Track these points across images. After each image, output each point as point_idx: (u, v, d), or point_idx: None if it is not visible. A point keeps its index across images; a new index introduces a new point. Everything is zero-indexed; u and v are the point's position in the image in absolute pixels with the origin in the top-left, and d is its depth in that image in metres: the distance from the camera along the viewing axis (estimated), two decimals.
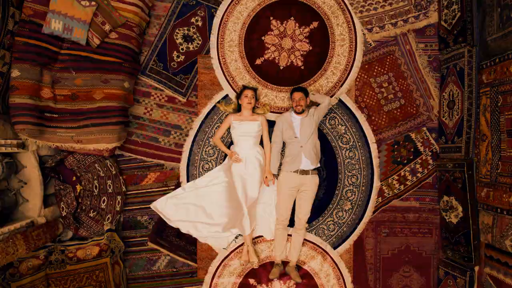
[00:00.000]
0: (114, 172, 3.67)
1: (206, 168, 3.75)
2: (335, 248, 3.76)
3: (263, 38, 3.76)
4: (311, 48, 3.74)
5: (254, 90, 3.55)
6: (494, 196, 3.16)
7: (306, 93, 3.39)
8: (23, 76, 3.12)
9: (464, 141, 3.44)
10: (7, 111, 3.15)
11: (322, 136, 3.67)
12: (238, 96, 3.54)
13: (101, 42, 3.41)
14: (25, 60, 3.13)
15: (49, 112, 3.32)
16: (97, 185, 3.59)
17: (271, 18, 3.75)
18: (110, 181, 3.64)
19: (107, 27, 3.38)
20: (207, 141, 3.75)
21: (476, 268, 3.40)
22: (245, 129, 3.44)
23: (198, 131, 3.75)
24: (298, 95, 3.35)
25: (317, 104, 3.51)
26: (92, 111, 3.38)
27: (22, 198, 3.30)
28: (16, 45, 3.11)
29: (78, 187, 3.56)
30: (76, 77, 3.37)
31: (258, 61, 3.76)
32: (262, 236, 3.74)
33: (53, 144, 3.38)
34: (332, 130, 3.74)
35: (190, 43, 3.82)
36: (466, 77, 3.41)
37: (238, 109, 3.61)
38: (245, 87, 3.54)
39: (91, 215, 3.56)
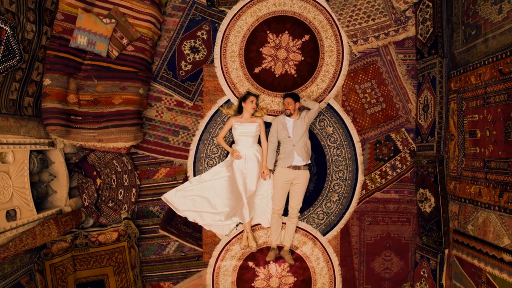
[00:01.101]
0: (129, 168, 4.16)
1: (211, 164, 4.24)
2: (324, 234, 4.25)
3: (260, 49, 4.25)
4: (303, 58, 4.24)
5: (257, 96, 4.05)
6: (460, 188, 3.65)
7: (295, 98, 3.86)
8: (53, 84, 3.61)
9: (436, 141, 3.93)
10: (40, 114, 3.64)
11: (312, 136, 4.17)
12: (243, 100, 3.99)
13: (119, 54, 3.90)
14: (55, 70, 3.62)
15: (74, 115, 3.81)
16: (115, 179, 4.09)
17: (268, 32, 4.25)
18: (126, 175, 4.13)
19: (124, 41, 3.87)
20: (211, 140, 4.25)
21: (446, 251, 3.89)
22: (245, 130, 3.93)
23: (203, 131, 4.25)
24: (287, 100, 3.84)
25: (308, 109, 4.00)
26: (111, 114, 3.87)
27: (51, 190, 3.79)
28: (48, 57, 3.60)
29: (98, 181, 4.06)
30: (98, 85, 3.86)
31: (256, 70, 4.26)
32: (259, 224, 4.23)
33: (78, 143, 3.87)
34: (322, 131, 4.23)
35: (196, 54, 4.31)
36: (437, 85, 3.90)
37: (238, 111, 4.09)
38: (249, 93, 4.02)
39: (110, 205, 4.06)
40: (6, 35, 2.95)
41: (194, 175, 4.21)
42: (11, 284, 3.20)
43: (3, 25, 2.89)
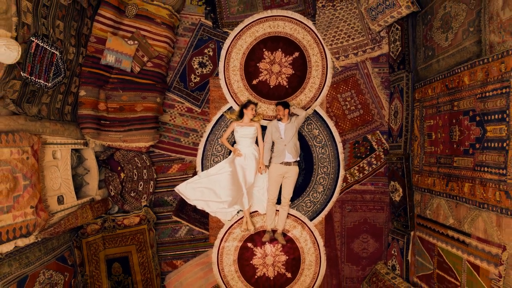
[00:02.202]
0: (148, 164, 4.95)
1: (216, 161, 5.02)
2: (311, 220, 5.04)
3: (258, 64, 5.03)
4: (293, 72, 5.02)
5: (256, 104, 4.82)
6: (421, 180, 4.44)
7: (285, 106, 4.62)
8: (87, 95, 4.40)
9: (403, 141, 4.71)
10: (76, 120, 4.42)
11: (301, 137, 4.95)
12: (245, 107, 4.75)
13: (140, 69, 4.68)
14: (88, 84, 4.40)
15: (103, 120, 4.59)
16: (136, 173, 4.87)
17: (264, 49, 5.03)
18: (145, 170, 4.92)
19: (145, 59, 4.65)
20: (216, 141, 5.03)
21: (412, 233, 4.67)
22: (244, 132, 4.70)
23: (209, 133, 5.03)
24: (278, 107, 4.60)
25: (298, 115, 4.77)
26: (134, 119, 4.65)
27: (85, 182, 4.58)
28: (83, 73, 4.38)
29: (122, 175, 4.84)
30: (123, 95, 4.65)
31: (254, 82, 5.04)
32: (257, 211, 5.02)
33: (106, 143, 4.65)
34: (309, 133, 5.02)
35: (204, 68, 5.10)
36: (404, 95, 4.68)
37: (240, 116, 4.86)
38: (250, 102, 4.79)
39: (132, 195, 4.84)
40: (56, 58, 3.73)
41: (202, 170, 5.00)
42: (58, 256, 3.98)
43: (54, 51, 3.67)
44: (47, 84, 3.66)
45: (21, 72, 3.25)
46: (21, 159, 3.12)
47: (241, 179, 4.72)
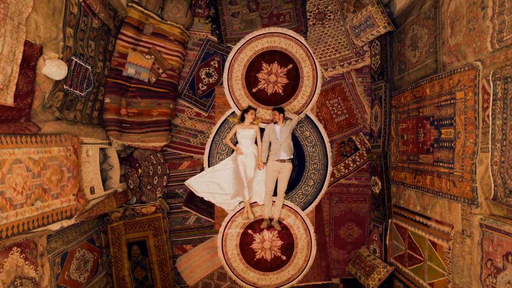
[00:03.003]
0: (162, 161, 5.66)
1: (220, 158, 5.73)
2: (303, 210, 5.75)
3: (257, 75, 5.75)
4: (288, 81, 5.74)
5: (255, 109, 5.54)
6: (396, 175, 5.15)
7: (280, 111, 5.31)
8: (111, 102, 5.11)
9: (382, 141, 5.42)
10: (101, 123, 5.14)
11: (294, 138, 5.66)
12: (246, 112, 5.44)
13: (156, 80, 5.40)
14: (112, 92, 5.11)
15: (124, 123, 5.31)
16: (151, 169, 5.59)
17: (262, 62, 5.74)
18: (159, 166, 5.64)
19: (160, 71, 5.37)
20: (221, 141, 5.74)
21: (389, 220, 5.38)
22: (245, 134, 5.41)
23: (215, 134, 5.75)
24: (274, 112, 5.29)
25: (291, 119, 5.48)
26: (150, 123, 5.37)
27: (108, 176, 5.29)
28: (108, 83, 5.08)
29: (140, 170, 5.56)
30: (141, 101, 5.36)
31: (254, 90, 5.75)
32: (256, 202, 5.73)
33: (127, 143, 5.36)
34: (301, 134, 5.73)
35: (210, 78, 5.82)
36: (383, 102, 5.39)
37: (241, 119, 5.56)
38: (250, 107, 5.50)
39: (148, 188, 5.56)
40: (88, 72, 4.45)
41: (209, 166, 5.71)
42: (88, 238, 4.70)
43: (87, 66, 4.38)
44: (81, 94, 4.38)
45: (64, 85, 3.96)
46: (66, 156, 3.84)
47: (242, 174, 5.44)
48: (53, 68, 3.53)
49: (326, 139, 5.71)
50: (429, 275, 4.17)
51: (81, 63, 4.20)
